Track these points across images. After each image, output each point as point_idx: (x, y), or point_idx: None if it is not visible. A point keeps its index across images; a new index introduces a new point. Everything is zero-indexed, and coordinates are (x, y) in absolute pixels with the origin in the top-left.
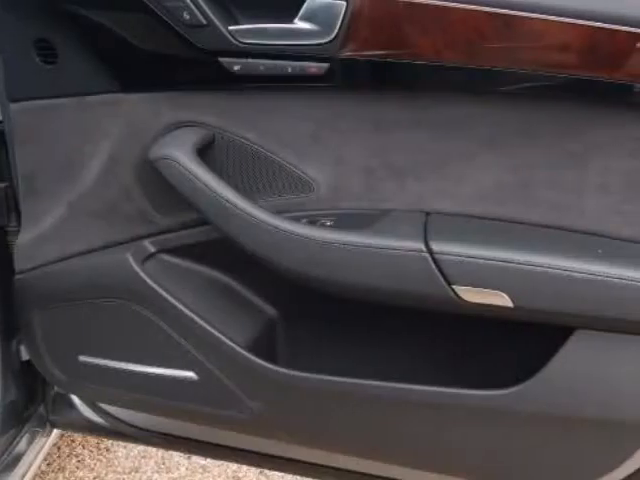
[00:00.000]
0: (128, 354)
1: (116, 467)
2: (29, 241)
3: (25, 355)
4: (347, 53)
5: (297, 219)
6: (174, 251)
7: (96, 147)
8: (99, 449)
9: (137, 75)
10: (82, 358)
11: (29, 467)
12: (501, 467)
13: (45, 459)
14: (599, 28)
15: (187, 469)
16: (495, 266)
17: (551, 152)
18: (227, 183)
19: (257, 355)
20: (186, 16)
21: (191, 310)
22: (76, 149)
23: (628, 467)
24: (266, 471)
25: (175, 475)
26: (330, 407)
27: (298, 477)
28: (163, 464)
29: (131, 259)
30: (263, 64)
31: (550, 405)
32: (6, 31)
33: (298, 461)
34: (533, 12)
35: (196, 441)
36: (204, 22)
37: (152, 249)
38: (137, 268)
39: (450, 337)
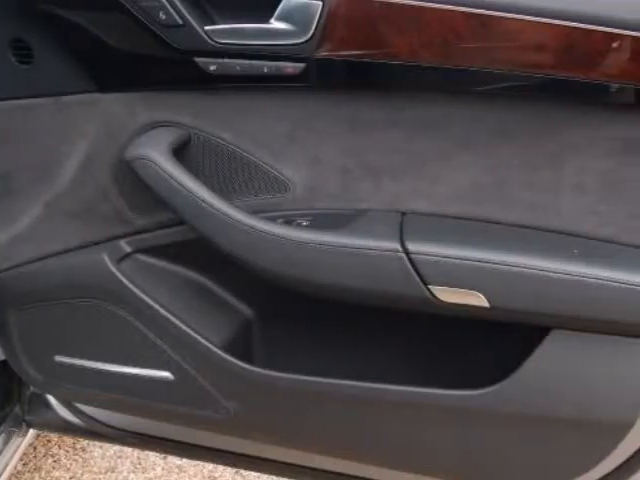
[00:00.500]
0: (104, 354)
1: (92, 467)
2: (5, 241)
3: (1, 355)
4: (323, 53)
5: (273, 219)
6: (150, 251)
7: (72, 147)
8: (75, 449)
9: (113, 75)
10: (58, 358)
11: (5, 467)
12: (477, 467)
13: (21, 459)
14: (575, 28)
15: (163, 469)
16: (471, 266)
17: (527, 152)
18: (203, 183)
19: (233, 355)
20: (162, 16)
21: (167, 310)
22: (52, 149)
23: (604, 467)
24: (242, 471)
25: (151, 475)
26: (306, 407)
27: (274, 477)
28: (139, 464)
29: (107, 259)
30: (239, 64)
31: (526, 405)
32: None
33: (274, 461)
34: (509, 12)
35: (172, 441)
36: (180, 22)
37: (128, 249)
38: (113, 268)
39: (426, 337)
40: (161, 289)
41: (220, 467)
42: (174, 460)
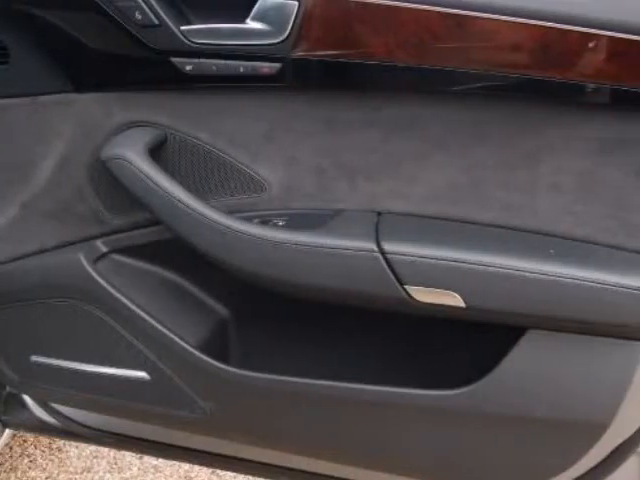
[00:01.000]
0: (80, 354)
1: (68, 467)
2: None
3: None
4: (299, 53)
5: (249, 219)
6: (126, 251)
7: (49, 147)
8: (51, 449)
9: (89, 75)
10: (34, 358)
11: None
12: (454, 467)
13: None
14: (551, 28)
15: (139, 469)
16: (447, 266)
17: (503, 152)
18: (179, 183)
19: (209, 355)
20: (138, 16)
21: (143, 310)
22: (28, 149)
23: (580, 467)
24: (218, 471)
25: (127, 475)
26: (282, 407)
27: (250, 477)
28: (115, 464)
29: (83, 259)
30: (215, 64)
31: (502, 405)
32: None
33: (250, 461)
34: (485, 12)
35: (148, 441)
36: (156, 22)
37: (104, 249)
38: (89, 268)
39: (403, 337)
40: (137, 289)
41: (196, 467)
42: (150, 460)
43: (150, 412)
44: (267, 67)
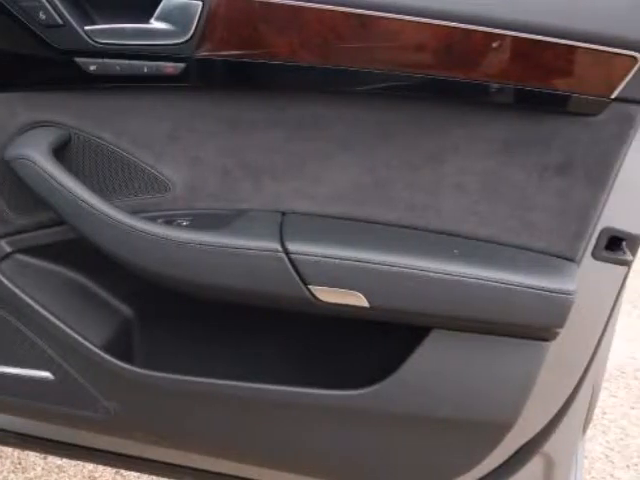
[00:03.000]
0: None
1: None
2: None
3: None
4: (203, 53)
5: (153, 219)
6: (30, 251)
7: None
8: None
9: None
10: None
11: None
12: (357, 467)
13: None
14: (455, 28)
15: (43, 469)
16: (351, 266)
17: (408, 152)
18: (83, 183)
19: (113, 355)
20: (42, 16)
21: (47, 310)
22: None
23: (484, 467)
24: (122, 471)
25: (31, 475)
26: (186, 407)
27: (154, 477)
28: (19, 464)
29: None
30: (119, 64)
31: (406, 405)
32: None
33: (154, 461)
34: (389, 12)
35: (52, 441)
36: (60, 22)
37: (8, 249)
38: None
39: (307, 337)
40: (41, 289)
41: (100, 467)
42: (54, 460)
43: (54, 412)
44: (171, 67)
